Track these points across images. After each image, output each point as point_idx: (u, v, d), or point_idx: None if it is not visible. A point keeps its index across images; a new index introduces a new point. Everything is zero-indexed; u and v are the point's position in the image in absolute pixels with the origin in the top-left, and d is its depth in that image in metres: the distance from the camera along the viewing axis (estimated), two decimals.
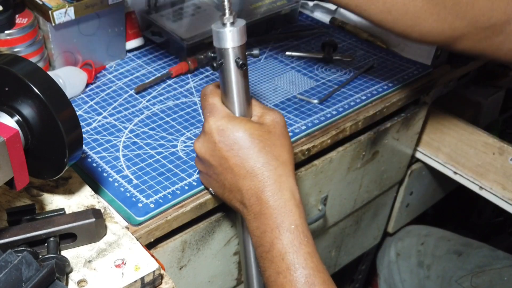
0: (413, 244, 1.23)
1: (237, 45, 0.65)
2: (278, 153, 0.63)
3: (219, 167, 0.65)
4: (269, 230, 0.61)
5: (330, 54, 1.00)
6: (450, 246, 1.18)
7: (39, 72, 0.57)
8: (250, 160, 0.62)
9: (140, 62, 0.97)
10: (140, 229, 0.69)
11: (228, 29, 0.64)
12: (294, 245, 0.60)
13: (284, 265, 0.59)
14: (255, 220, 0.63)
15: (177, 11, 1.03)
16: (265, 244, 0.61)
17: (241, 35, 0.65)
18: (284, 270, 0.59)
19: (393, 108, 0.95)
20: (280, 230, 0.60)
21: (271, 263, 0.61)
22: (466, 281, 1.09)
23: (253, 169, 0.62)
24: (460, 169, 1.08)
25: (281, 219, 0.61)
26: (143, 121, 0.85)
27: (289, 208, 0.61)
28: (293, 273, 0.59)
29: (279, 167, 0.63)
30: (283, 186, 0.62)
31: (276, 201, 0.61)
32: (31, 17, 0.84)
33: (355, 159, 0.97)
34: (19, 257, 0.51)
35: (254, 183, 0.62)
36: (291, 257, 0.59)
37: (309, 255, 0.60)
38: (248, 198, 0.63)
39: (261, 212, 0.62)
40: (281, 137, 0.65)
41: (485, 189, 1.06)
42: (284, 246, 0.60)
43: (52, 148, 0.58)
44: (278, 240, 0.60)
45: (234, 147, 0.63)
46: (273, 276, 0.60)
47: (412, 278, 1.19)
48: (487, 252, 1.14)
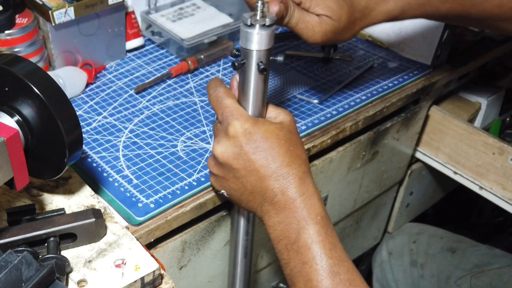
0: (405, 242, 1.23)
1: (263, 49, 0.64)
2: (299, 151, 0.66)
3: (243, 170, 0.65)
4: (295, 222, 0.62)
5: (330, 54, 1.00)
6: (443, 243, 1.18)
7: (39, 72, 0.57)
8: (277, 161, 0.64)
9: (140, 62, 0.97)
10: (140, 229, 0.69)
11: (256, 31, 0.62)
12: (320, 235, 0.61)
13: (311, 254, 0.61)
14: (278, 215, 0.64)
15: (177, 11, 1.03)
16: (291, 235, 0.63)
17: (269, 39, 0.63)
18: (310, 260, 0.61)
19: (393, 108, 0.95)
20: (307, 221, 0.62)
21: (296, 254, 0.62)
22: (465, 282, 1.08)
23: (280, 169, 0.64)
24: (460, 169, 1.08)
25: (307, 211, 0.62)
26: (143, 121, 0.85)
27: (314, 201, 0.63)
28: (319, 262, 0.60)
29: (302, 165, 0.65)
30: (307, 181, 0.64)
31: (302, 195, 0.63)
32: (31, 17, 0.84)
33: (355, 159, 0.97)
34: (19, 257, 0.51)
35: (279, 182, 0.64)
36: (317, 247, 0.61)
37: (333, 245, 0.61)
38: (272, 196, 0.64)
39: (286, 207, 0.63)
40: (298, 136, 0.67)
41: (485, 189, 1.06)
42: (310, 236, 0.61)
43: (52, 148, 0.58)
44: (304, 230, 0.62)
45: (261, 149, 0.64)
46: (298, 266, 0.62)
47: (405, 278, 1.19)
48: (485, 250, 1.14)
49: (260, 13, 0.62)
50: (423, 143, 1.12)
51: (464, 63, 1.05)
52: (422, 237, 1.21)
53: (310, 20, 0.67)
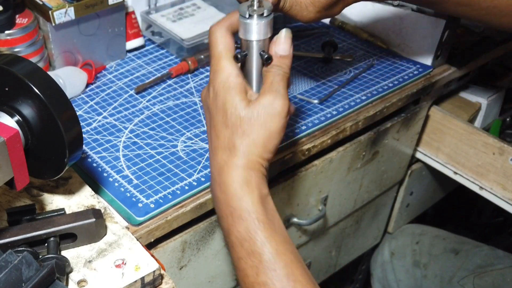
0: (407, 243, 1.23)
1: (262, 38, 0.64)
2: (246, 143, 0.61)
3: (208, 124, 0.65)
4: (224, 216, 0.61)
5: (330, 54, 1.00)
6: (446, 244, 1.18)
7: (39, 72, 0.57)
8: (220, 138, 0.62)
9: (140, 62, 0.97)
10: (140, 229, 0.69)
11: (255, 21, 0.62)
12: (249, 232, 0.59)
13: (244, 251, 0.59)
14: (215, 203, 0.63)
15: (177, 11, 1.03)
16: (224, 229, 0.62)
17: (268, 28, 0.63)
18: (244, 256, 0.59)
19: (393, 108, 0.95)
20: (233, 218, 0.60)
21: (231, 249, 0.61)
22: (468, 282, 1.08)
23: (217, 149, 0.62)
24: (460, 169, 1.08)
25: (232, 206, 0.60)
26: (143, 121, 0.85)
27: (241, 195, 0.60)
28: (253, 259, 0.59)
29: (240, 157, 0.61)
30: (237, 173, 0.61)
31: (228, 187, 0.61)
32: (31, 17, 0.84)
33: (355, 159, 0.97)
34: (19, 257, 0.51)
35: (214, 162, 0.62)
36: (248, 244, 0.59)
37: (266, 240, 0.59)
38: (213, 172, 0.63)
39: (216, 195, 0.62)
40: (259, 128, 0.62)
41: (485, 189, 1.06)
42: (240, 233, 0.60)
43: (52, 148, 0.58)
44: (233, 227, 0.60)
45: (216, 117, 0.62)
46: (235, 260, 0.61)
47: (408, 278, 1.19)
48: (487, 251, 1.14)
49: (257, 3, 0.62)
50: (423, 143, 1.12)
51: (464, 63, 1.05)
52: (425, 238, 1.21)
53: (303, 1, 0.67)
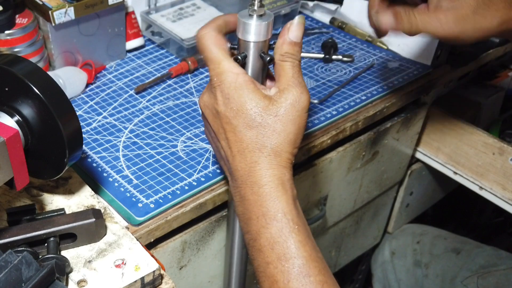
0: (408, 243, 1.23)
1: (262, 40, 0.62)
2: (276, 141, 0.59)
3: (218, 134, 0.61)
4: (254, 217, 0.57)
5: (330, 54, 1.00)
6: (447, 244, 1.18)
7: (39, 72, 0.57)
8: (244, 141, 0.58)
9: (140, 62, 0.97)
10: (140, 229, 0.69)
11: (255, 22, 0.61)
12: (283, 234, 0.56)
13: (274, 255, 0.55)
14: (241, 204, 0.59)
15: (177, 11, 1.03)
16: (252, 232, 0.58)
17: (268, 29, 0.62)
18: (274, 260, 0.55)
19: (393, 108, 0.95)
20: (266, 219, 0.57)
21: (259, 252, 0.57)
22: (471, 282, 1.08)
23: (244, 151, 0.58)
24: (460, 169, 1.08)
25: (266, 207, 0.57)
26: (143, 121, 0.85)
27: (275, 195, 0.57)
28: (285, 263, 0.55)
29: (271, 156, 0.58)
30: (271, 173, 0.58)
31: (261, 187, 0.57)
32: (31, 17, 0.84)
33: (355, 159, 0.97)
34: (19, 257, 0.51)
35: (241, 164, 0.59)
36: (281, 247, 0.55)
37: (301, 244, 0.56)
38: (236, 178, 0.59)
39: (246, 197, 0.58)
40: (288, 124, 0.59)
41: (485, 189, 1.06)
42: (272, 236, 0.56)
43: (52, 148, 0.58)
44: (264, 229, 0.56)
45: (234, 121, 0.59)
46: (262, 265, 0.57)
47: (408, 278, 1.19)
48: (490, 252, 1.14)
49: (258, 3, 0.61)
50: (423, 143, 1.12)
51: (464, 63, 1.05)
52: (425, 238, 1.21)
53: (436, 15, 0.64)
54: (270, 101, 0.59)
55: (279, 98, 0.59)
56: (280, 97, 0.59)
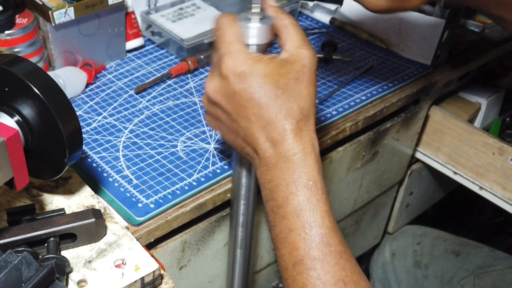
0: (408, 244, 1.23)
1: (262, 43, 0.61)
2: (303, 104, 0.58)
3: (235, 115, 0.59)
4: (284, 184, 0.56)
5: (330, 54, 1.00)
6: (447, 246, 1.18)
7: (39, 72, 0.57)
8: (272, 112, 0.57)
9: (140, 62, 0.97)
10: (140, 229, 0.69)
11: (255, 25, 0.60)
12: (311, 202, 0.56)
13: (299, 222, 0.55)
14: (269, 172, 0.58)
15: (177, 11, 1.03)
16: (278, 198, 0.57)
17: (268, 32, 0.61)
18: (298, 228, 0.55)
19: (393, 108, 0.95)
20: (296, 186, 0.56)
21: (282, 219, 0.56)
22: (468, 283, 1.08)
23: (273, 121, 0.57)
24: (460, 169, 1.08)
25: (298, 173, 0.56)
26: (143, 121, 0.85)
27: (308, 162, 0.57)
28: (308, 232, 0.55)
29: (302, 120, 0.58)
30: (304, 139, 0.57)
31: (295, 154, 0.57)
32: (31, 17, 0.84)
33: (355, 159, 0.97)
34: (19, 257, 0.51)
35: (272, 135, 0.57)
36: (307, 215, 0.55)
37: (326, 214, 0.56)
38: (264, 150, 0.58)
39: (277, 165, 0.57)
40: (309, 85, 0.59)
41: (485, 189, 1.06)
42: (300, 203, 0.56)
43: (52, 148, 0.58)
44: (293, 196, 0.56)
45: (255, 96, 0.57)
46: (284, 232, 0.56)
47: (408, 278, 1.19)
48: (487, 252, 1.14)
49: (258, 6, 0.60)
50: (423, 143, 1.12)
51: (464, 63, 1.05)
52: (426, 239, 1.22)
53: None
54: (288, 66, 0.58)
55: (296, 61, 0.59)
56: (296, 60, 0.59)
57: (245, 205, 0.73)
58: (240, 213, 0.73)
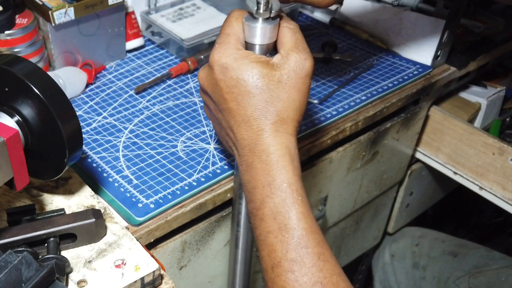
0: (407, 245, 1.23)
1: (267, 43, 0.61)
2: (281, 107, 0.58)
3: (219, 105, 0.60)
4: (260, 186, 0.57)
5: (330, 54, 1.00)
6: (445, 247, 1.18)
7: (39, 72, 0.57)
8: (248, 109, 0.58)
9: (140, 62, 0.97)
10: (140, 229, 0.69)
11: (260, 25, 0.60)
12: (286, 205, 0.56)
13: (276, 224, 0.56)
14: (247, 173, 0.59)
15: (177, 12, 1.03)
16: (256, 201, 0.58)
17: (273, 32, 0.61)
18: (275, 230, 0.56)
19: (393, 108, 0.95)
20: (271, 188, 0.56)
21: (261, 222, 0.57)
22: (463, 282, 1.09)
23: (249, 119, 0.58)
24: (460, 169, 1.08)
25: (272, 176, 0.57)
26: (143, 121, 0.85)
27: (282, 164, 0.57)
28: (285, 234, 0.55)
29: (278, 123, 0.58)
30: (278, 141, 0.57)
31: (269, 156, 0.57)
32: (31, 17, 0.84)
33: (355, 159, 0.97)
34: (19, 257, 0.51)
35: (248, 133, 0.58)
36: (282, 217, 0.56)
37: (302, 215, 0.56)
38: (241, 147, 0.59)
39: (253, 165, 0.58)
40: (291, 90, 0.58)
41: (485, 189, 1.06)
42: (275, 205, 0.56)
43: (52, 148, 0.58)
44: (269, 199, 0.56)
45: (235, 90, 0.58)
46: (263, 234, 0.57)
47: (407, 280, 1.19)
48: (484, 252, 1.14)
49: (264, 6, 0.60)
50: (423, 143, 1.12)
51: (464, 63, 1.05)
52: (424, 241, 1.22)
53: None
54: (272, 68, 0.58)
55: (282, 64, 0.58)
56: (284, 63, 0.59)
57: None
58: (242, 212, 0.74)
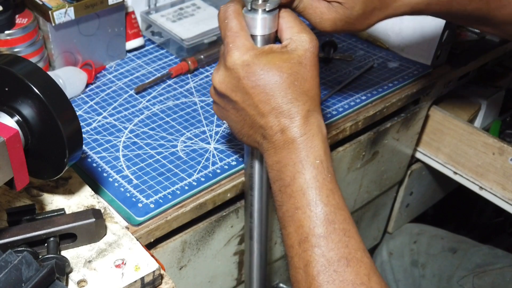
0: (405, 243, 1.23)
1: (268, 33, 0.62)
2: (308, 87, 0.60)
3: (242, 103, 0.61)
4: (291, 163, 0.58)
5: (330, 54, 1.00)
6: (444, 244, 1.18)
7: (39, 72, 0.57)
8: (278, 97, 0.59)
9: (140, 62, 0.97)
10: (140, 229, 0.69)
11: (260, 15, 0.61)
12: (318, 181, 0.57)
13: (305, 200, 0.57)
14: (276, 154, 0.60)
15: (177, 11, 1.03)
16: (286, 178, 0.59)
17: (274, 22, 0.61)
18: (304, 206, 0.57)
19: (393, 108, 0.95)
20: (303, 164, 0.58)
21: (289, 198, 0.58)
22: (467, 282, 1.08)
23: (280, 106, 0.59)
24: (460, 169, 1.08)
25: (305, 153, 0.58)
26: (143, 121, 0.85)
27: (315, 143, 0.59)
28: (314, 209, 0.56)
29: (308, 102, 0.59)
30: (311, 120, 0.59)
31: (303, 135, 0.58)
32: (31, 17, 0.84)
33: (355, 159, 0.97)
34: (19, 257, 0.51)
35: (279, 119, 0.59)
36: (313, 193, 0.57)
37: (331, 192, 0.57)
38: (271, 134, 0.60)
39: (285, 146, 0.59)
40: (312, 69, 0.60)
41: (485, 189, 1.06)
42: (306, 181, 0.57)
43: (52, 148, 0.58)
44: (300, 175, 0.58)
45: (260, 83, 0.59)
46: (290, 210, 0.58)
47: (406, 278, 1.19)
48: (486, 250, 1.14)
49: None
50: (423, 143, 1.12)
51: (464, 63, 1.05)
52: (422, 238, 1.22)
53: (319, 6, 0.64)
54: (290, 52, 0.60)
55: (298, 46, 0.60)
56: (298, 45, 0.60)
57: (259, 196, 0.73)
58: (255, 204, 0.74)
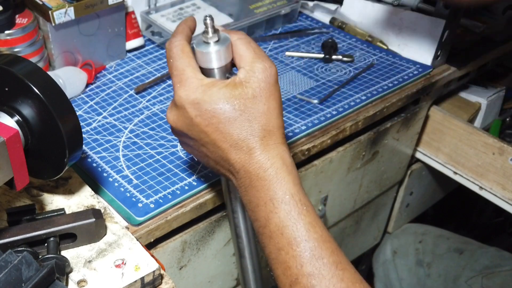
0: (410, 242, 1.23)
1: (224, 64, 0.61)
2: (264, 120, 0.57)
3: (200, 141, 0.59)
4: (262, 203, 0.56)
5: (330, 54, 1.00)
6: (450, 244, 1.18)
7: (39, 72, 0.57)
8: (233, 133, 0.57)
9: (140, 62, 0.97)
10: (140, 229, 0.69)
11: (213, 49, 0.60)
12: (292, 217, 0.54)
13: (285, 240, 0.54)
14: (247, 194, 0.58)
15: (177, 11, 1.03)
16: (260, 219, 0.56)
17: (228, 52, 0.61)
18: (285, 246, 0.54)
19: (393, 108, 0.95)
20: (274, 203, 0.55)
21: (270, 239, 0.55)
22: (476, 283, 1.08)
23: (236, 142, 0.57)
24: (460, 169, 1.08)
25: (273, 190, 0.55)
26: (143, 121, 0.85)
27: (281, 176, 0.56)
28: (296, 248, 0.53)
29: (266, 137, 0.57)
30: (272, 154, 0.57)
31: (266, 171, 0.56)
32: (31, 17, 0.84)
33: (355, 159, 0.97)
34: (19, 257, 0.51)
35: (239, 156, 0.57)
36: (290, 231, 0.54)
37: (311, 225, 0.54)
38: (236, 171, 0.58)
39: (251, 185, 0.57)
40: (269, 100, 0.58)
41: (485, 189, 1.06)
42: (281, 220, 0.54)
43: (52, 148, 0.58)
44: (273, 214, 0.55)
45: (213, 120, 0.57)
46: (274, 252, 0.55)
47: (410, 277, 1.19)
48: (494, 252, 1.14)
49: (212, 29, 0.59)
50: (423, 143, 1.12)
51: (464, 63, 1.05)
52: (428, 238, 1.21)
53: None
54: (242, 86, 0.57)
55: (250, 78, 0.58)
56: (251, 76, 0.58)
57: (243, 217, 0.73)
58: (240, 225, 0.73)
